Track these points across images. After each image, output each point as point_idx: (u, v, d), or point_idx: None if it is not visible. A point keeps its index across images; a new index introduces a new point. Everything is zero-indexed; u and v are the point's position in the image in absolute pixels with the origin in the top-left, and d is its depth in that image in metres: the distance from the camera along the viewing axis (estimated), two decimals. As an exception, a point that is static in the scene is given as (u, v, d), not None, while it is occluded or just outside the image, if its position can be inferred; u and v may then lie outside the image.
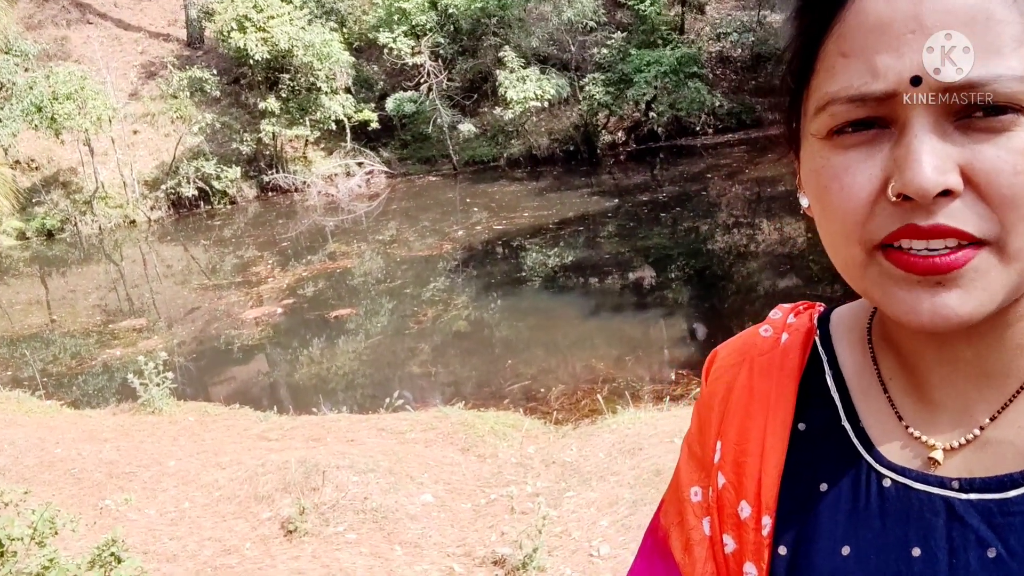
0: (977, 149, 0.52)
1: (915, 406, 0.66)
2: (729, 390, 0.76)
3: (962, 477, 0.62)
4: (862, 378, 0.70)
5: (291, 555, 4.29)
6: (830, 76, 0.57)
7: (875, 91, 0.54)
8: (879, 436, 0.67)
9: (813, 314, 0.78)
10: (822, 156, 0.59)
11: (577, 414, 6.55)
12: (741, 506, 0.71)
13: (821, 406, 0.71)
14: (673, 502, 0.80)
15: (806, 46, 0.60)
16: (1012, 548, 0.58)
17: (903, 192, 0.53)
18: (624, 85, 18.12)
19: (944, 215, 0.53)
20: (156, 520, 4.76)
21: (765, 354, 0.76)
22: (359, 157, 19.47)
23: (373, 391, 7.88)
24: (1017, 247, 0.53)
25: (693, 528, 0.75)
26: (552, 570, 3.98)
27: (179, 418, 6.66)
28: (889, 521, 0.63)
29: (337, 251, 13.92)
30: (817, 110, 0.58)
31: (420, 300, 10.72)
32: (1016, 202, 0.52)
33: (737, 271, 10.95)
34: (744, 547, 0.70)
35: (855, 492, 0.66)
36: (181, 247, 15.83)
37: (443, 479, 5.06)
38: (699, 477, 0.77)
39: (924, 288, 0.54)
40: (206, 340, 10.03)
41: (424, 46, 18.92)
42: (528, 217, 14.55)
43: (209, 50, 20.99)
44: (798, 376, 0.73)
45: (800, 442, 0.70)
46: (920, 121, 0.53)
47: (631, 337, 8.65)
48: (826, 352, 0.74)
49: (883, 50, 0.53)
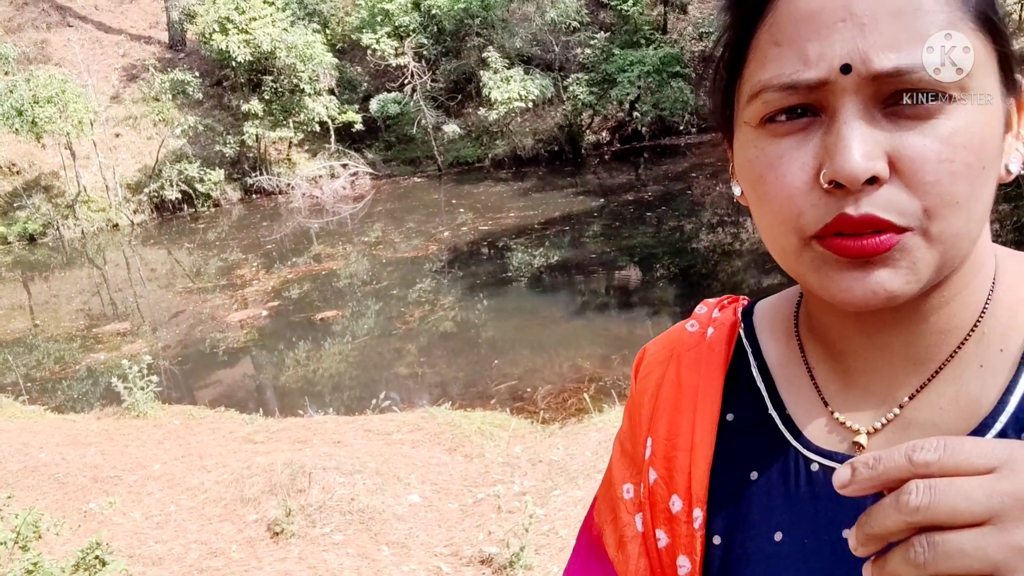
0: (904, 136, 0.54)
1: (841, 392, 0.67)
2: (658, 387, 0.77)
3: None
4: (787, 367, 0.71)
5: (278, 557, 4.28)
6: (762, 65, 0.58)
7: (806, 79, 0.55)
8: (805, 423, 0.68)
9: (737, 308, 0.79)
10: (756, 145, 0.60)
11: (564, 413, 6.57)
12: (672, 500, 0.71)
13: (748, 397, 0.72)
14: (606, 500, 0.80)
15: (739, 36, 0.61)
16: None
17: (834, 179, 0.54)
18: (608, 85, 18.16)
19: (871, 203, 0.54)
20: (142, 524, 4.73)
21: (692, 349, 0.77)
22: (343, 159, 19.43)
23: (360, 392, 7.86)
24: (939, 230, 0.55)
25: (626, 525, 0.76)
26: (539, 568, 3.99)
27: (164, 422, 6.62)
28: (820, 505, 0.64)
29: (322, 253, 13.88)
30: (750, 98, 0.59)
31: (406, 301, 10.71)
32: (938, 188, 0.53)
33: (722, 269, 11.00)
34: (677, 541, 0.70)
35: (785, 478, 0.67)
36: (165, 250, 15.74)
37: (430, 479, 5.05)
38: (631, 474, 0.77)
39: (856, 268, 0.56)
40: (191, 343, 9.98)
41: (407, 47, 18.91)
42: (513, 217, 14.56)
43: (191, 52, 20.89)
44: (724, 369, 0.74)
45: (729, 434, 0.72)
46: (850, 108, 0.54)
47: (617, 336, 8.67)
48: (751, 344, 0.75)
49: (814, 38, 0.54)
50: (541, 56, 19.44)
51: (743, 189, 0.64)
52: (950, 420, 0.61)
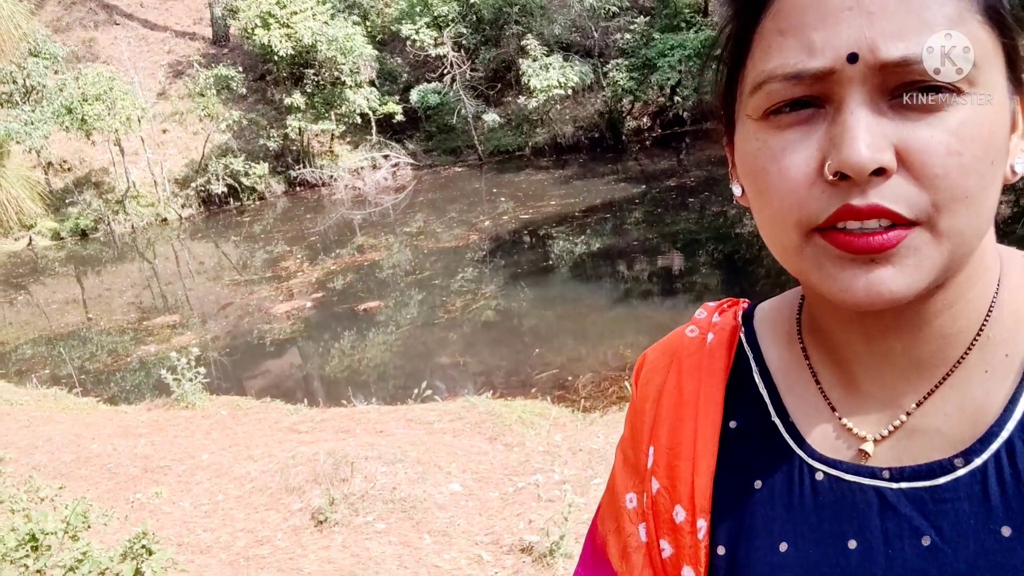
0: (911, 128, 0.52)
1: (845, 398, 0.66)
2: (659, 394, 0.76)
3: (892, 467, 0.61)
4: (789, 372, 0.70)
5: (321, 545, 4.35)
6: (767, 54, 0.56)
7: (812, 68, 0.53)
8: (809, 429, 0.66)
9: (737, 311, 0.77)
10: (758, 138, 0.58)
11: (605, 401, 6.56)
12: (676, 510, 0.70)
13: (750, 404, 0.71)
14: (609, 509, 0.79)
15: (743, 26, 0.59)
16: (946, 535, 0.58)
17: (839, 170, 0.52)
18: (648, 70, 17.99)
19: (878, 194, 0.52)
20: (190, 512, 4.83)
21: (692, 355, 0.76)
22: (385, 150, 19.55)
23: (402, 382, 7.93)
24: (947, 226, 0.53)
25: (630, 535, 0.75)
26: (579, 557, 4.00)
27: (212, 412, 6.75)
28: (824, 514, 0.63)
29: (365, 244, 14.00)
30: (753, 89, 0.58)
31: (448, 291, 10.76)
32: (947, 182, 0.52)
33: (766, 255, 10.82)
34: (681, 551, 0.69)
35: (789, 487, 0.65)
36: (212, 244, 16.02)
37: (471, 468, 5.08)
38: (634, 483, 0.76)
39: (859, 266, 0.54)
40: (238, 335, 10.15)
41: (447, 37, 18.93)
42: (554, 205, 14.52)
43: (234, 48, 21.16)
44: (725, 376, 0.73)
45: (731, 442, 0.70)
46: (856, 99, 0.53)
47: (660, 323, 8.61)
48: (752, 349, 0.73)
49: (820, 27, 0.53)
50: (580, 42, 19.32)
51: (744, 185, 0.63)
52: (956, 427, 0.60)
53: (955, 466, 0.59)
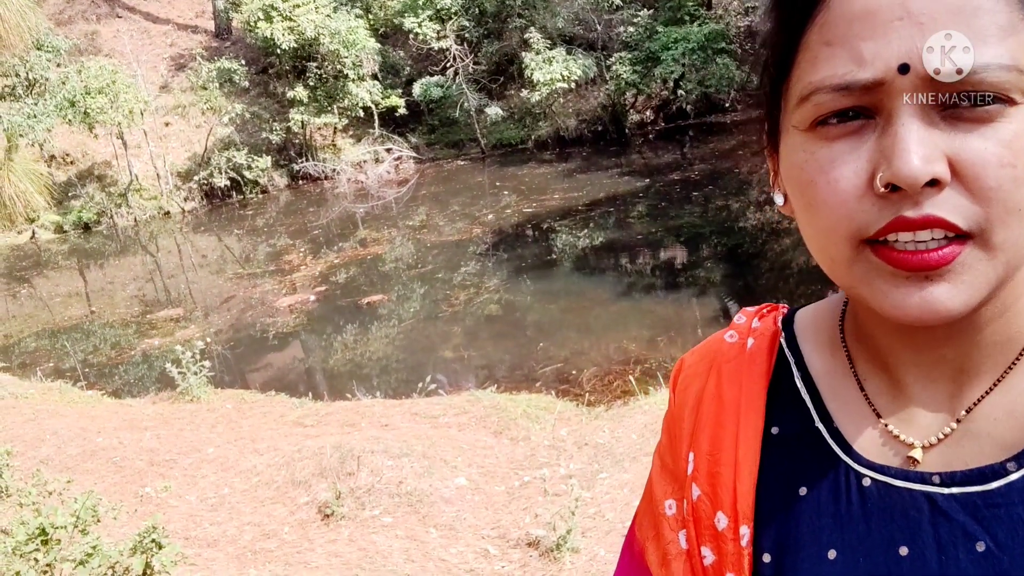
0: (964, 139, 0.51)
1: (891, 404, 0.65)
2: (699, 400, 0.75)
3: (943, 472, 0.61)
4: (833, 378, 0.69)
5: (328, 539, 4.36)
6: (813, 66, 0.56)
7: (861, 79, 0.53)
8: (855, 435, 0.66)
9: (777, 317, 0.77)
10: (805, 149, 0.57)
11: (610, 396, 6.55)
12: (718, 517, 0.69)
13: (792, 409, 0.70)
14: (648, 515, 0.78)
15: (787, 36, 0.59)
16: (1001, 541, 0.57)
17: (892, 182, 0.52)
18: (651, 63, 17.94)
19: (932, 205, 0.52)
20: (197, 506, 4.84)
21: (732, 360, 0.75)
22: (387, 143, 19.53)
23: (406, 376, 7.94)
24: (1001, 239, 0.52)
25: (670, 542, 0.74)
26: (586, 551, 4.00)
27: (217, 406, 6.76)
28: (873, 521, 0.62)
29: (368, 237, 13.99)
30: (800, 101, 0.57)
31: (451, 284, 10.76)
32: (1001, 194, 0.51)
33: (770, 248, 10.85)
34: (724, 559, 0.68)
35: (836, 494, 0.65)
36: (215, 237, 16.02)
37: (476, 462, 5.09)
38: (673, 489, 0.75)
39: (913, 283, 0.54)
40: (242, 328, 10.16)
41: (449, 30, 18.89)
42: (558, 199, 14.51)
43: (237, 41, 21.13)
44: (766, 381, 0.72)
45: (774, 448, 0.69)
46: (907, 110, 0.52)
47: (664, 317, 8.61)
48: (793, 354, 0.72)
49: (869, 38, 0.52)
50: (583, 36, 19.27)
51: (790, 196, 0.62)
52: (1007, 432, 0.60)
53: (1008, 470, 0.58)
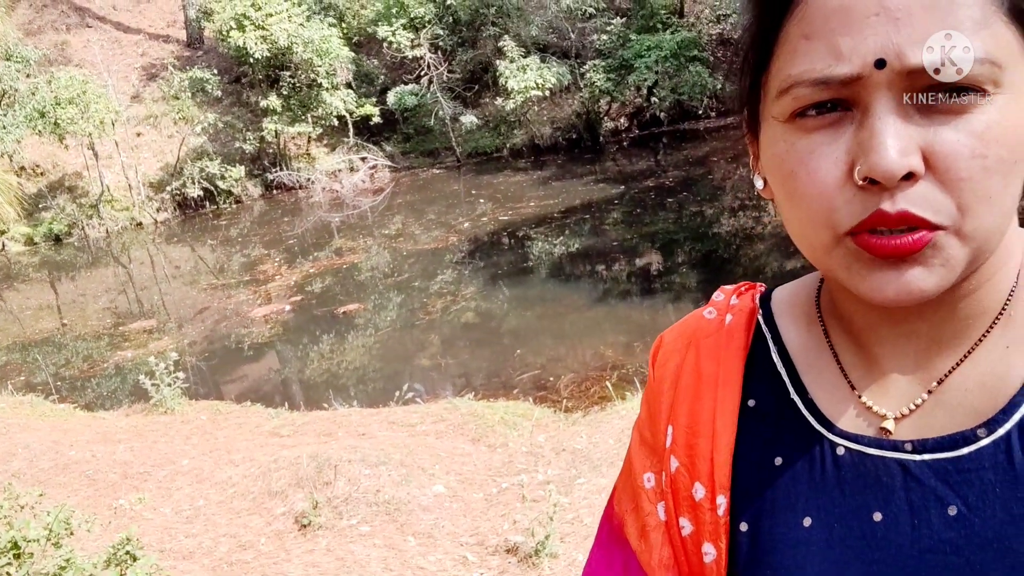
0: (937, 131, 0.53)
1: (866, 377, 0.67)
2: (677, 374, 0.77)
3: (914, 439, 0.62)
4: (808, 352, 0.71)
5: (305, 549, 4.33)
6: (792, 58, 0.57)
7: (839, 74, 0.54)
8: (829, 407, 0.67)
9: (755, 294, 0.79)
10: (785, 140, 0.59)
11: (587, 401, 6.57)
12: (695, 488, 0.71)
13: (769, 383, 0.72)
14: (626, 489, 0.80)
15: (766, 27, 0.60)
16: (972, 504, 0.59)
17: (869, 175, 0.53)
18: (625, 71, 18.05)
19: (907, 199, 0.53)
20: (171, 518, 4.79)
21: (711, 336, 0.77)
22: (362, 152, 19.48)
23: (383, 385, 7.91)
24: (973, 227, 0.54)
25: (648, 514, 0.75)
26: (564, 556, 4.01)
27: (191, 417, 6.70)
28: (847, 489, 0.64)
29: (343, 247, 13.94)
30: (779, 93, 0.58)
31: (428, 293, 10.74)
32: (972, 184, 0.53)
33: (744, 254, 10.93)
34: (701, 528, 0.70)
35: (811, 463, 0.66)
36: (188, 248, 15.89)
37: (454, 470, 5.08)
38: (651, 463, 0.77)
39: (889, 267, 0.55)
40: (216, 339, 10.08)
41: (423, 38, 18.90)
42: (533, 207, 14.54)
43: (209, 50, 21.01)
44: (744, 355, 0.74)
45: (750, 419, 0.71)
46: (883, 103, 0.53)
47: (639, 323, 8.65)
48: (770, 330, 0.74)
49: (846, 32, 0.54)
50: (557, 44, 19.36)
51: (771, 184, 0.64)
52: (977, 401, 0.61)
53: (978, 436, 0.60)
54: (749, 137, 0.67)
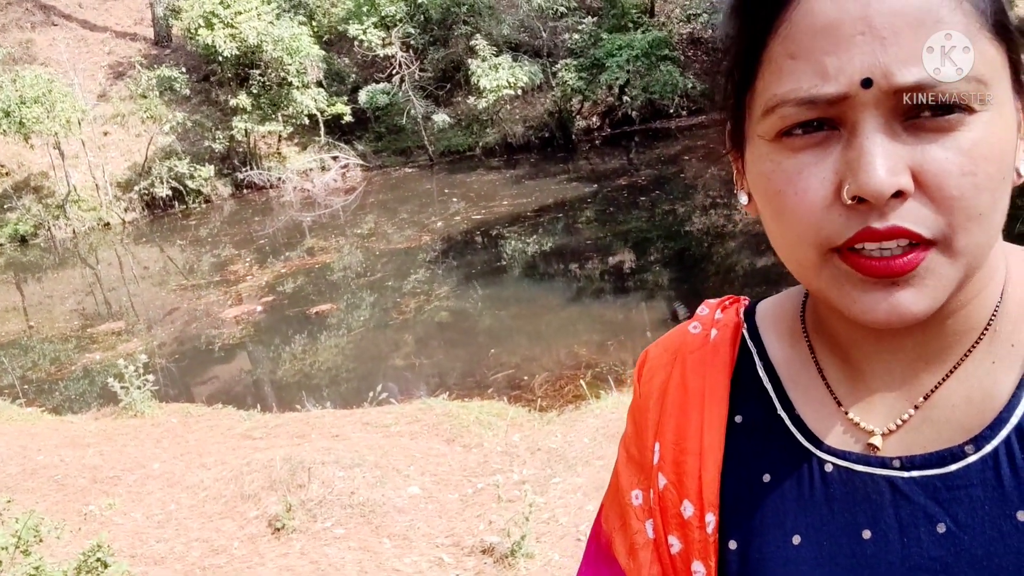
0: (925, 150, 0.53)
1: (852, 393, 0.66)
2: (663, 390, 0.76)
3: (902, 456, 0.62)
4: (794, 367, 0.70)
5: (279, 552, 4.29)
6: (777, 78, 0.56)
7: (825, 94, 0.54)
8: (816, 423, 0.67)
9: (739, 308, 0.78)
10: (772, 159, 0.58)
11: (561, 400, 6.58)
12: (684, 505, 0.70)
13: (755, 398, 0.71)
14: (614, 506, 0.79)
15: (750, 45, 0.59)
16: (961, 521, 0.59)
17: (858, 195, 0.53)
18: (597, 70, 18.10)
19: (897, 216, 0.53)
20: (142, 523, 4.73)
21: (696, 351, 0.76)
22: (334, 151, 19.36)
23: (357, 385, 7.87)
24: (963, 244, 0.54)
25: (637, 532, 0.75)
26: (540, 556, 4.01)
27: (162, 420, 6.61)
28: (836, 506, 0.64)
29: (315, 247, 13.85)
30: (765, 112, 0.58)
31: (401, 293, 10.70)
32: (963, 202, 0.53)
33: (716, 252, 11.00)
34: (690, 546, 0.70)
35: (799, 480, 0.66)
36: (157, 248, 15.70)
37: (429, 471, 5.06)
38: (639, 480, 0.76)
39: (880, 288, 0.55)
40: (186, 341, 9.96)
41: (395, 37, 18.82)
42: (506, 206, 14.53)
43: (177, 48, 20.77)
44: (730, 371, 0.73)
45: (738, 436, 0.71)
46: (871, 122, 0.53)
47: (613, 322, 8.68)
48: (755, 345, 0.74)
49: (832, 52, 0.53)
50: (529, 43, 19.37)
51: (757, 202, 0.63)
52: (963, 417, 0.61)
53: (966, 453, 0.60)
54: (733, 154, 0.66)
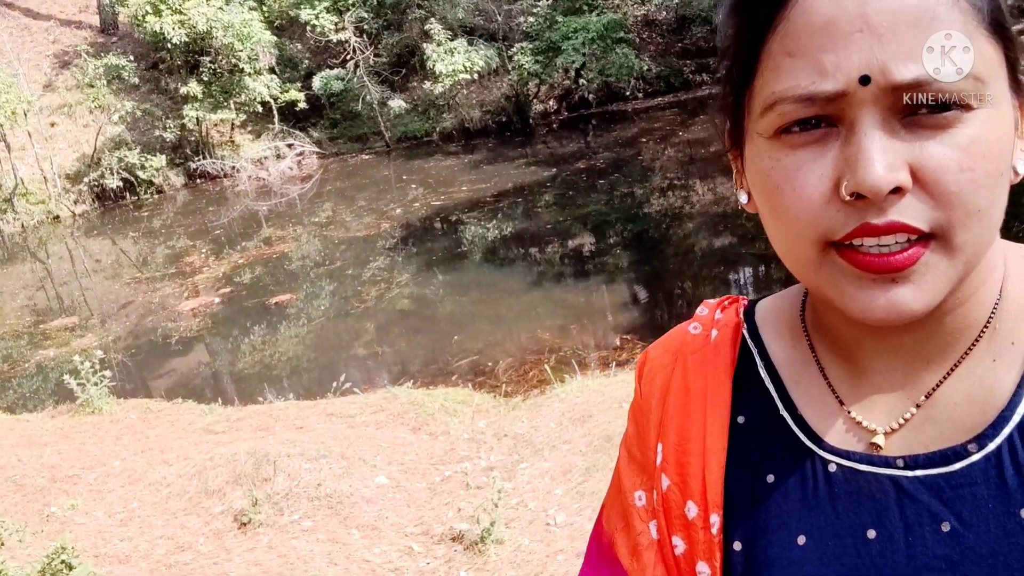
0: (924, 146, 0.53)
1: (853, 392, 0.67)
2: (665, 391, 0.76)
3: (906, 455, 0.63)
4: (795, 367, 0.71)
5: (247, 547, 4.25)
6: (776, 75, 0.57)
7: (824, 91, 0.54)
8: (819, 422, 0.67)
9: (739, 308, 0.78)
10: (771, 156, 0.59)
11: (526, 385, 6.59)
12: (688, 506, 0.71)
13: (757, 399, 0.71)
14: (616, 507, 0.79)
15: (749, 43, 0.59)
16: (966, 520, 0.59)
17: (857, 191, 0.53)
18: (553, 53, 18.07)
19: (895, 212, 0.54)
20: (105, 522, 4.65)
21: (697, 352, 0.76)
22: (288, 139, 19.11)
23: (319, 376, 7.80)
24: (962, 240, 0.54)
25: (640, 533, 0.75)
26: (510, 542, 4.02)
27: (120, 417, 6.50)
28: (840, 506, 0.64)
29: (272, 236, 13.68)
30: (764, 110, 0.58)
31: (361, 281, 10.62)
32: (962, 198, 0.53)
33: (674, 233, 11.08)
34: (695, 547, 0.70)
35: (803, 480, 0.66)
36: (109, 241, 15.38)
37: (396, 460, 5.04)
38: (642, 481, 0.76)
39: (878, 285, 0.55)
40: (142, 335, 9.79)
41: (347, 22, 18.59)
42: (465, 191, 14.48)
43: (124, 36, 20.30)
44: (731, 371, 0.73)
45: (741, 436, 0.71)
46: (869, 119, 0.53)
47: (574, 305, 8.70)
48: (756, 345, 0.74)
49: (830, 49, 0.54)
50: (484, 26, 19.26)
51: (756, 199, 0.63)
52: (966, 415, 0.62)
53: (969, 451, 0.60)
54: (733, 152, 0.67)
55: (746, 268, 9.46)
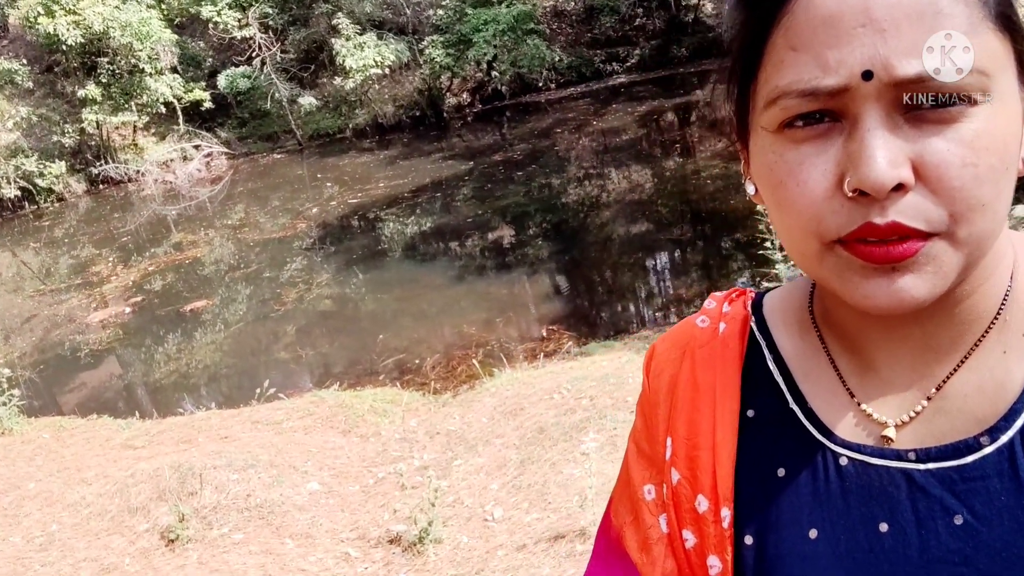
0: (927, 142, 0.53)
1: (863, 384, 0.67)
2: (673, 385, 0.76)
3: (917, 448, 0.63)
4: (804, 360, 0.71)
5: (176, 565, 4.11)
6: (779, 70, 0.56)
7: (826, 86, 0.54)
8: (829, 415, 0.67)
9: (746, 301, 0.78)
10: (774, 151, 0.59)
11: (455, 382, 6.55)
12: (698, 500, 0.71)
13: (767, 392, 0.71)
14: (624, 501, 0.79)
15: (753, 37, 0.59)
16: (979, 513, 0.59)
17: (859, 187, 0.53)
18: (464, 46, 18.01)
19: (898, 210, 0.53)
20: (23, 548, 4.44)
21: (705, 345, 0.76)
22: (195, 140, 18.57)
23: (241, 383, 7.61)
24: (966, 234, 0.54)
25: (650, 526, 0.75)
26: (449, 540, 3.98)
27: (32, 436, 6.22)
28: (852, 499, 0.64)
29: (183, 241, 13.27)
30: (767, 104, 0.58)
31: (279, 283, 10.40)
32: (964, 193, 0.53)
33: (592, 222, 11.17)
34: (705, 541, 0.70)
35: (814, 474, 0.66)
36: (8, 252, 14.70)
37: (327, 464, 4.95)
38: (651, 474, 0.76)
39: (881, 275, 0.55)
40: (49, 349, 9.38)
41: (251, 17, 18.16)
42: (382, 188, 14.32)
43: (15, 38, 19.39)
44: (740, 364, 0.73)
45: (750, 430, 0.71)
46: (872, 115, 0.53)
47: (498, 298, 8.69)
48: (764, 338, 0.74)
49: (833, 44, 0.53)
50: (393, 20, 19.06)
51: (762, 193, 0.63)
52: (977, 407, 0.61)
53: (981, 444, 0.60)
54: (739, 144, 0.66)
55: (662, 254, 9.61)
